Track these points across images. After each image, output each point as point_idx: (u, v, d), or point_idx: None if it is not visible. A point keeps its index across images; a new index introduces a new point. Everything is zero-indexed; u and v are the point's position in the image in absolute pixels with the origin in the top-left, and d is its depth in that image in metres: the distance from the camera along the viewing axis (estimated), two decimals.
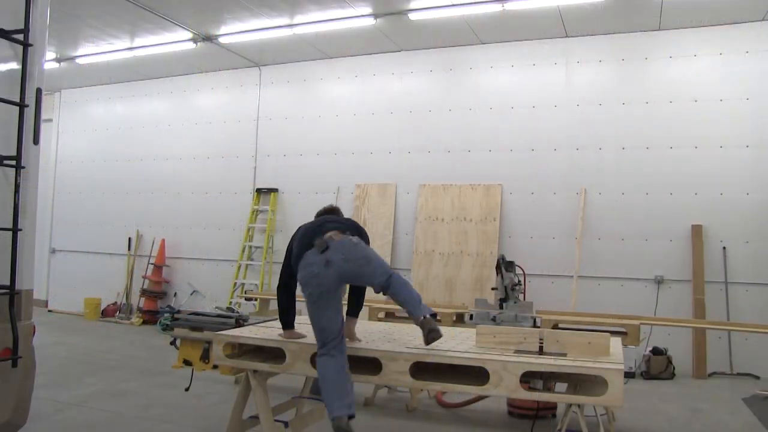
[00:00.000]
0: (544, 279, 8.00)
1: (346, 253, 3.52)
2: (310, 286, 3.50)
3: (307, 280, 3.51)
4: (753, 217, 7.35)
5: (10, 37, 3.28)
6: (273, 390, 5.00)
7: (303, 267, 3.55)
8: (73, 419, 4.79)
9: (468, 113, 8.73)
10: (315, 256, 3.52)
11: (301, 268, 3.56)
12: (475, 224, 8.43)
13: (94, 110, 11.75)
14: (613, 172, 7.93)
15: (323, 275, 3.47)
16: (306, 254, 3.56)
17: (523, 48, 8.49)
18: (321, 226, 3.73)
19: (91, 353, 7.62)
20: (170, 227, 10.66)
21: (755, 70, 7.44)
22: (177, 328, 4.43)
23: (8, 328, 3.18)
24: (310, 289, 3.50)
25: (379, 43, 8.90)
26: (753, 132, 7.40)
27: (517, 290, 6.14)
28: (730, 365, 7.21)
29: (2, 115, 3.27)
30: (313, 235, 3.63)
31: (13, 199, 3.27)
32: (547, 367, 3.12)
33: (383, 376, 3.34)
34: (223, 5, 7.77)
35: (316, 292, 3.49)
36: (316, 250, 3.53)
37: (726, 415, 5.48)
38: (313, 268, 3.49)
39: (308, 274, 3.51)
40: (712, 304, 7.33)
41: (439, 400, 5.61)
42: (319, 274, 3.48)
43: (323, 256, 3.51)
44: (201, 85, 10.66)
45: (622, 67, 8.04)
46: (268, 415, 3.65)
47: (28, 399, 3.40)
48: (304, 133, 9.75)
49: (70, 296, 11.27)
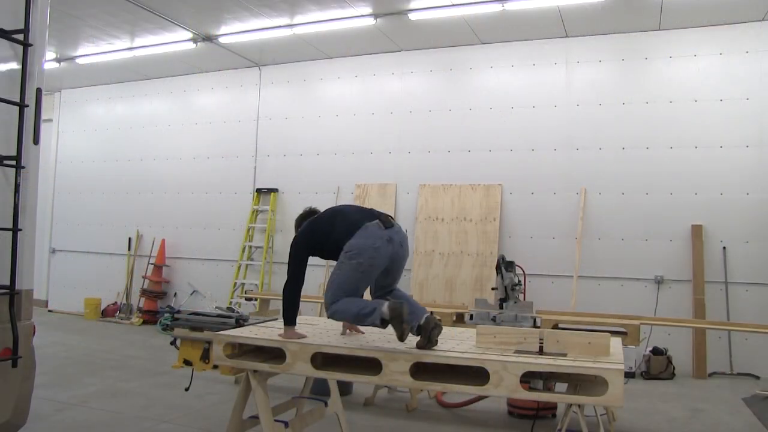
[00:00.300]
0: (544, 279, 8.00)
1: (403, 241, 3.66)
2: (363, 256, 3.50)
3: (364, 250, 3.50)
4: (753, 217, 7.35)
5: (10, 37, 3.28)
6: (273, 390, 5.01)
7: (363, 236, 3.54)
8: (73, 419, 4.79)
9: (468, 113, 8.74)
10: (379, 230, 3.55)
11: (359, 236, 3.54)
12: (475, 224, 8.43)
13: (94, 110, 11.75)
14: (613, 172, 7.93)
15: (383, 249, 3.52)
16: (367, 225, 3.57)
17: (523, 48, 8.49)
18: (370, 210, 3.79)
19: (91, 353, 7.63)
20: (170, 227, 10.66)
21: (755, 70, 7.44)
22: (177, 328, 4.42)
23: (8, 328, 3.19)
24: (363, 259, 3.50)
25: (379, 43, 8.90)
26: (753, 132, 7.41)
27: (517, 290, 6.13)
28: (730, 365, 7.21)
29: (2, 115, 3.27)
30: (364, 213, 3.71)
31: (13, 199, 3.27)
32: (547, 367, 3.11)
33: (383, 376, 3.34)
34: (223, 5, 7.77)
35: (368, 263, 3.51)
36: (379, 225, 3.57)
37: (726, 415, 5.48)
38: (376, 240, 3.52)
39: (368, 245, 3.51)
40: (712, 304, 7.33)
41: (439, 400, 5.61)
42: (379, 248, 3.51)
43: (387, 232, 3.56)
44: (201, 85, 10.66)
45: (622, 67, 8.05)
46: (268, 415, 3.65)
47: (28, 399, 3.40)
48: (304, 133, 9.75)
49: (70, 296, 11.28)
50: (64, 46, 9.52)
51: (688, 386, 6.72)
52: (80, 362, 7.01)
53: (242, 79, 10.32)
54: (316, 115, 9.70)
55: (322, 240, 3.77)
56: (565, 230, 8.06)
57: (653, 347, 7.20)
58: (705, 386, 6.73)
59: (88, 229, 11.45)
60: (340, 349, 3.49)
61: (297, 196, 9.73)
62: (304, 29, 8.43)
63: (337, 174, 9.42)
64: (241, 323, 4.35)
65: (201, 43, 9.06)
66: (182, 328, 4.40)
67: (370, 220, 3.62)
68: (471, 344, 3.57)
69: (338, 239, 3.64)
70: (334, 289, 3.55)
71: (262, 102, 10.16)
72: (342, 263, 3.56)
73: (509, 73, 8.59)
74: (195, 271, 10.38)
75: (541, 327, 5.42)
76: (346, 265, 3.54)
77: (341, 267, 3.56)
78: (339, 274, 3.56)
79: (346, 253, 3.55)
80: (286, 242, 9.71)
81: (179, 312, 4.56)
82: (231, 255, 9.99)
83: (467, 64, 8.82)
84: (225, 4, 7.72)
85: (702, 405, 5.85)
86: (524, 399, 4.68)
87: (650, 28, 7.83)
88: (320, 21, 8.14)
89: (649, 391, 6.38)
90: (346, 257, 3.55)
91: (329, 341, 3.62)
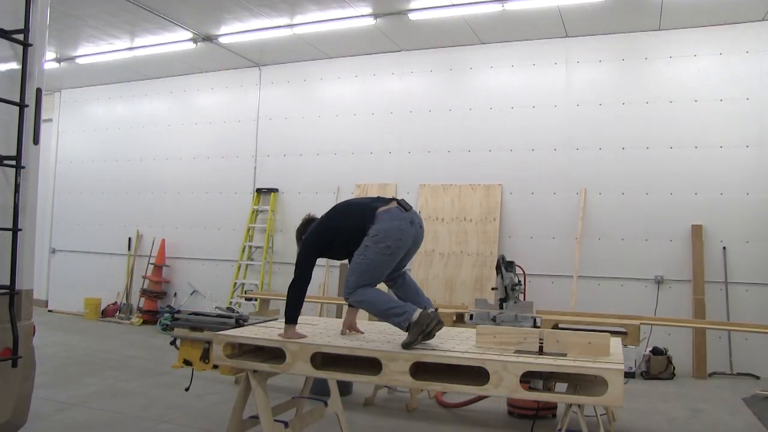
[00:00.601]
0: (544, 279, 8.01)
1: (421, 223, 3.77)
2: (391, 238, 3.57)
3: (391, 232, 3.57)
4: (753, 217, 7.35)
5: (10, 37, 3.28)
6: (273, 390, 5.01)
7: (387, 219, 3.60)
8: (73, 419, 4.79)
9: (468, 113, 8.74)
10: (401, 212, 3.65)
11: (383, 220, 3.60)
12: (475, 224, 8.43)
13: (94, 110, 11.75)
14: (613, 172, 7.93)
15: (407, 232, 3.62)
16: (389, 208, 3.64)
17: (523, 48, 8.49)
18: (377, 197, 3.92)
19: (91, 353, 7.63)
20: (170, 227, 10.66)
21: (755, 70, 7.44)
22: (177, 328, 4.42)
23: (8, 328, 3.19)
24: (390, 241, 3.57)
25: (379, 43, 8.90)
26: (753, 132, 7.41)
27: (517, 290, 6.13)
28: (730, 365, 7.21)
29: (2, 115, 3.27)
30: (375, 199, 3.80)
31: (13, 199, 3.27)
32: (547, 367, 3.11)
33: (383, 376, 3.34)
34: (223, 5, 7.77)
35: (396, 245, 3.59)
36: (399, 208, 3.65)
37: (726, 415, 5.48)
38: (401, 223, 3.60)
39: (394, 227, 3.58)
40: (712, 304, 7.33)
41: (439, 400, 5.61)
42: (404, 230, 3.60)
43: (408, 214, 3.66)
44: (201, 85, 10.66)
45: (622, 67, 8.05)
46: (268, 415, 3.65)
47: (28, 399, 3.40)
48: (304, 133, 9.75)
49: (70, 296, 11.28)
50: (64, 46, 9.52)
51: (688, 386, 6.72)
52: (80, 362, 7.01)
53: (242, 79, 10.33)
54: (316, 115, 9.70)
55: (335, 235, 3.78)
56: (565, 230, 8.06)
57: (653, 347, 7.20)
58: (705, 386, 6.74)
59: (88, 229, 11.46)
60: (340, 349, 3.49)
61: (297, 196, 9.73)
62: (304, 29, 8.43)
63: (337, 174, 9.41)
64: (241, 323, 4.35)
65: (201, 43, 9.06)
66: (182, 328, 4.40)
67: (385, 204, 3.69)
68: (471, 344, 3.57)
69: (356, 228, 3.66)
70: (358, 274, 3.59)
71: (262, 102, 10.16)
72: (367, 247, 3.58)
73: (509, 73, 8.59)
74: (195, 271, 10.38)
75: (541, 327, 5.42)
76: (373, 249, 3.57)
77: (367, 251, 3.58)
78: (364, 258, 3.58)
79: (372, 237, 3.58)
80: (286, 242, 9.75)
81: (179, 312, 4.55)
82: (231, 255, 9.99)
83: (467, 64, 8.82)
84: (225, 4, 7.72)
85: (702, 405, 5.85)
86: (524, 399, 4.68)
87: (650, 28, 7.83)
88: (320, 21, 8.14)
89: (649, 391, 6.38)
90: (372, 241, 3.58)
91: (329, 341, 3.62)
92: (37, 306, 10.10)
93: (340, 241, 3.77)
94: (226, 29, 8.64)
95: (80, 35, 9.03)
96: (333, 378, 4.10)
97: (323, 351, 3.52)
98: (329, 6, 7.70)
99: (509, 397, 4.92)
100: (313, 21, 8.17)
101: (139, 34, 8.92)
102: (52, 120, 11.86)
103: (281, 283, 9.67)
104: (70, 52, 9.83)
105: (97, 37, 9.09)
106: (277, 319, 4.71)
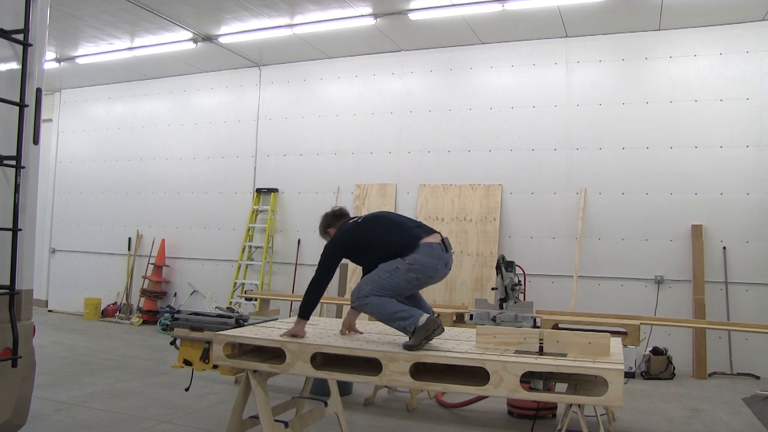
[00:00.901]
0: (544, 279, 8.01)
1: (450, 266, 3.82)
2: (424, 273, 3.65)
3: (427, 268, 3.65)
4: (753, 217, 7.35)
5: (10, 37, 3.28)
6: (273, 390, 5.01)
7: (429, 255, 3.66)
8: (73, 419, 4.79)
9: (468, 113, 8.74)
10: (443, 253, 3.72)
11: (425, 254, 3.65)
12: (475, 224, 8.43)
13: (94, 110, 11.75)
14: (613, 172, 7.93)
15: (440, 271, 3.72)
16: (433, 244, 3.70)
17: (523, 48, 8.49)
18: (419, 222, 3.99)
19: (91, 353, 7.63)
20: (170, 227, 10.66)
21: (755, 70, 7.44)
22: (177, 328, 4.43)
23: (8, 328, 3.18)
24: (421, 275, 3.65)
25: (379, 43, 8.90)
26: (753, 132, 7.41)
27: (517, 290, 6.13)
28: (730, 365, 7.21)
29: (2, 115, 3.27)
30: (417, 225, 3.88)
31: (13, 199, 3.27)
32: (547, 367, 3.11)
33: (383, 376, 3.34)
34: (223, 5, 7.77)
35: (424, 280, 3.70)
36: (443, 247, 3.72)
37: (726, 415, 5.48)
38: (438, 262, 3.69)
39: (432, 264, 3.66)
40: (712, 304, 7.33)
41: (439, 400, 5.61)
42: (438, 270, 3.70)
43: (447, 255, 3.74)
44: (201, 85, 10.66)
45: (622, 67, 8.05)
46: (268, 415, 3.65)
47: (28, 399, 3.40)
48: (304, 133, 9.75)
49: (70, 296, 11.29)
50: (64, 46, 9.52)
51: (688, 386, 6.72)
52: (80, 362, 7.01)
53: (242, 79, 10.33)
54: (316, 115, 9.70)
55: (364, 246, 3.82)
56: (565, 230, 8.06)
57: (653, 347, 7.20)
58: (705, 386, 6.73)
59: (88, 229, 11.46)
60: (340, 349, 3.49)
61: (297, 196, 9.73)
62: (304, 29, 8.43)
63: (337, 174, 9.42)
64: (241, 323, 4.35)
65: (201, 43, 9.06)
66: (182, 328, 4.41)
67: (428, 235, 3.74)
68: (471, 344, 3.57)
69: (393, 250, 3.70)
70: (375, 286, 3.62)
71: (262, 102, 10.16)
72: (398, 269, 3.63)
73: (509, 73, 8.59)
74: (195, 271, 10.38)
75: (541, 327, 5.42)
76: (402, 274, 3.62)
77: (396, 273, 3.63)
78: (390, 278, 3.63)
79: (408, 264, 3.63)
80: (286, 242, 9.76)
81: (179, 312, 4.55)
82: (231, 255, 9.99)
83: (467, 64, 8.82)
84: (225, 4, 7.72)
85: (702, 405, 5.85)
86: (524, 399, 4.68)
87: (650, 28, 7.83)
88: (320, 21, 8.14)
89: (649, 391, 6.38)
90: (406, 267, 3.63)
91: (329, 341, 3.62)
92: (37, 306, 10.12)
93: (368, 253, 3.82)
94: (226, 29, 8.64)
95: (80, 35, 9.03)
96: (333, 378, 4.10)
97: (323, 351, 3.52)
98: (329, 6, 7.70)
99: (509, 398, 4.91)
100: (313, 21, 8.17)
101: (139, 34, 8.92)
102: (52, 120, 11.86)
103: (281, 283, 9.68)
104: (70, 52, 9.83)
105: (97, 37, 9.09)
106: (277, 318, 4.72)
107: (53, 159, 11.90)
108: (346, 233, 3.90)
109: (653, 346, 7.21)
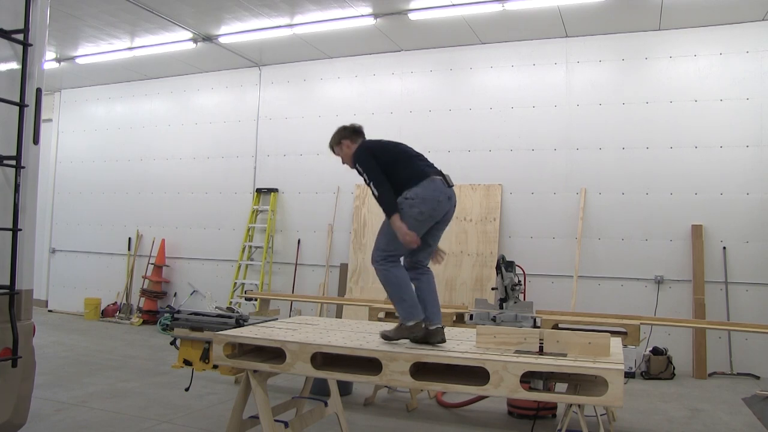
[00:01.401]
0: (544, 279, 8.01)
1: (455, 203, 3.84)
2: (426, 206, 3.63)
3: (428, 201, 3.64)
4: (753, 217, 7.35)
5: (10, 37, 3.27)
6: (273, 390, 5.01)
7: (430, 188, 3.67)
8: (73, 419, 4.79)
9: (468, 113, 8.74)
10: (444, 186, 3.73)
11: (426, 187, 3.66)
12: (475, 224, 8.43)
13: (94, 110, 11.75)
14: (613, 172, 7.93)
15: (443, 205, 3.71)
16: (434, 178, 3.71)
17: (523, 48, 8.49)
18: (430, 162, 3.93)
19: (91, 353, 7.62)
20: (170, 227, 10.66)
21: (755, 70, 7.44)
22: (177, 328, 4.43)
23: (8, 328, 3.18)
24: (424, 208, 3.63)
25: (379, 43, 8.90)
26: (753, 132, 7.41)
27: (517, 290, 6.13)
28: (730, 365, 7.21)
29: (2, 115, 3.27)
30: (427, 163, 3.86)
31: (13, 199, 3.27)
32: (547, 367, 3.12)
33: (383, 376, 3.34)
34: (223, 5, 7.77)
35: (428, 213, 3.66)
36: (443, 181, 3.73)
37: (726, 415, 5.48)
38: (440, 194, 3.69)
39: (433, 197, 3.66)
40: (712, 304, 7.33)
41: (439, 400, 5.61)
42: (441, 202, 3.69)
43: (449, 190, 3.75)
44: (201, 85, 10.66)
45: (622, 67, 8.05)
46: (268, 415, 3.65)
47: (28, 399, 3.39)
48: (304, 133, 9.75)
49: (70, 296, 11.28)
50: (64, 46, 9.52)
51: (688, 386, 6.72)
52: (80, 362, 7.01)
53: (242, 79, 10.32)
54: (316, 115, 9.69)
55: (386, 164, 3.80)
56: (565, 230, 8.06)
57: (653, 347, 7.20)
58: (705, 386, 6.73)
59: (88, 229, 11.45)
60: (340, 349, 3.49)
61: (297, 196, 9.74)
62: (304, 29, 8.43)
63: (337, 174, 9.35)
64: (241, 323, 4.35)
65: (201, 43, 9.06)
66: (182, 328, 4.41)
67: (435, 173, 3.74)
68: (471, 344, 3.57)
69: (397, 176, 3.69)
70: (390, 237, 3.63)
71: (262, 102, 10.16)
72: (401, 211, 3.62)
73: (509, 73, 8.59)
74: (195, 271, 10.38)
75: (541, 327, 5.42)
76: (405, 213, 3.61)
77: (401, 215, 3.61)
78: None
79: (408, 199, 3.63)
80: (286, 242, 9.76)
81: (179, 312, 4.56)
82: (231, 255, 9.99)
83: (467, 64, 8.82)
84: (225, 4, 7.72)
85: (702, 405, 5.85)
86: (524, 399, 4.68)
87: (650, 28, 7.83)
88: (320, 21, 8.14)
89: (649, 391, 6.38)
90: (407, 204, 3.62)
91: (329, 341, 3.62)
92: (37, 306, 10.12)
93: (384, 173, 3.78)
94: (226, 29, 8.64)
95: (80, 35, 9.03)
96: (333, 378, 4.10)
97: (323, 351, 3.52)
98: (329, 6, 7.70)
99: (509, 397, 4.92)
100: (313, 21, 8.17)
101: (139, 34, 8.92)
102: (52, 120, 11.86)
103: (281, 283, 9.68)
104: (70, 52, 9.83)
105: (97, 37, 9.09)
106: (277, 318, 4.72)
107: (53, 159, 11.89)
108: (369, 146, 3.93)
109: (653, 346, 7.21)
